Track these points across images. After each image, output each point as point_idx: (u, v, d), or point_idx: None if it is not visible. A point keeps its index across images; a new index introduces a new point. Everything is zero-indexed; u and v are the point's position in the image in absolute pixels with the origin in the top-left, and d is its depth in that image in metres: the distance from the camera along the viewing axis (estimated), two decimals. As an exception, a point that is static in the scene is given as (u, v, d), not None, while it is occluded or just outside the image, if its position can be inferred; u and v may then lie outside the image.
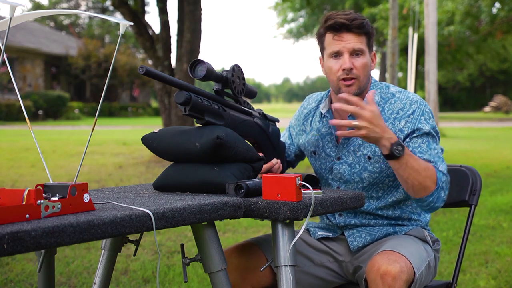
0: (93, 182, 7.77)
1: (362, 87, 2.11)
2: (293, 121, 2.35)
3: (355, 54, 2.07)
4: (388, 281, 1.85)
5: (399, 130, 2.07)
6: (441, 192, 1.99)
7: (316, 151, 2.22)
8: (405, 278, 1.86)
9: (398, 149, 1.90)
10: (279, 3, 32.82)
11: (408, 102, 2.10)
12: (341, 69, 2.08)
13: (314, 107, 2.28)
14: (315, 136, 2.23)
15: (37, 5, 45.37)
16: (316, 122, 2.24)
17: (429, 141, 2.05)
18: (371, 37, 2.12)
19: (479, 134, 18.72)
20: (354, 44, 2.06)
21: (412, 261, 1.93)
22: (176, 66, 9.65)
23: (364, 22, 2.08)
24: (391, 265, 1.86)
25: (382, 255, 1.93)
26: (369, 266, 1.92)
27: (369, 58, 2.11)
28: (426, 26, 17.27)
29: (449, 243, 4.57)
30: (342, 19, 2.06)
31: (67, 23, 48.02)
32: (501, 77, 47.17)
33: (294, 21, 34.80)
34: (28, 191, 1.33)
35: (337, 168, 2.16)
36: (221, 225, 5.17)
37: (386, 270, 1.85)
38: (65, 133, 18.64)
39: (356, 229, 2.18)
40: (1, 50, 1.42)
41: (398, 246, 1.99)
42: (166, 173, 1.90)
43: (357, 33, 2.07)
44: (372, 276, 1.88)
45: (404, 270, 1.87)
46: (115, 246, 1.92)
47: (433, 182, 1.97)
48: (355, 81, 2.08)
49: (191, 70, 1.87)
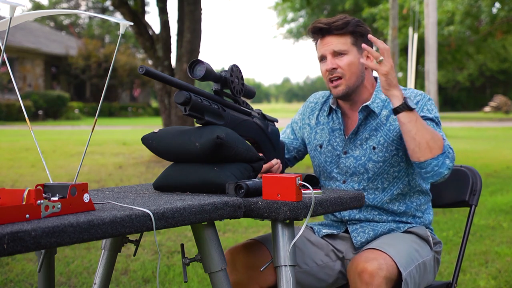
0: (93, 182, 7.77)
1: (352, 86, 2.14)
2: (296, 116, 2.38)
3: (338, 54, 2.12)
4: (365, 278, 1.85)
5: None
6: (446, 159, 1.98)
7: (322, 144, 2.25)
8: (383, 274, 1.85)
9: (411, 101, 1.97)
10: (279, 3, 32.82)
11: (412, 94, 2.15)
12: (326, 70, 2.14)
13: (322, 101, 2.31)
14: (323, 130, 2.26)
15: (37, 5, 45.38)
16: (324, 116, 2.28)
17: (434, 126, 2.08)
18: (360, 35, 2.13)
19: (479, 134, 18.72)
20: (334, 46, 2.12)
21: (396, 259, 1.92)
22: (176, 66, 9.65)
23: (348, 22, 2.11)
24: (368, 262, 1.87)
25: (362, 254, 1.95)
26: (349, 265, 1.94)
27: (357, 56, 2.13)
28: (426, 26, 17.27)
29: (449, 243, 4.57)
30: (321, 24, 2.13)
31: (67, 23, 48.02)
32: (501, 77, 47.16)
33: (294, 21, 34.80)
34: (28, 191, 1.33)
35: (344, 162, 2.19)
36: (221, 225, 5.18)
37: (363, 268, 1.86)
38: (65, 133, 18.64)
39: (360, 225, 2.19)
40: (1, 50, 1.42)
41: (383, 245, 1.99)
42: (166, 173, 1.90)
43: (338, 34, 2.12)
44: (351, 275, 1.90)
45: (383, 267, 1.86)
46: (115, 246, 1.92)
47: (440, 145, 1.98)
48: (341, 81, 2.12)
49: (190, 70, 1.87)
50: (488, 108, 42.61)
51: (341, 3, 31.04)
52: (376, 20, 26.35)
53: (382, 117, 2.16)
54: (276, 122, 2.19)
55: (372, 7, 28.68)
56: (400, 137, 2.12)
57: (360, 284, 1.86)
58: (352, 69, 2.12)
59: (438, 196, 2.38)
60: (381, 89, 2.01)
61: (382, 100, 2.18)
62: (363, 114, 2.17)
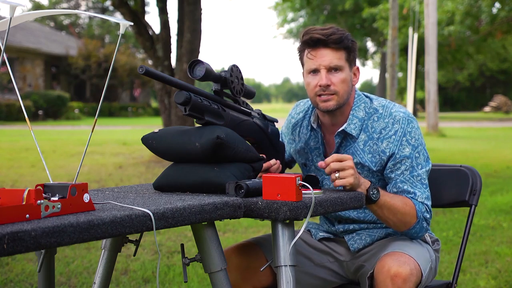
0: (93, 182, 7.77)
1: (342, 102, 2.07)
2: (284, 129, 2.34)
3: (332, 70, 2.04)
4: (398, 283, 1.85)
5: (381, 151, 2.06)
6: (423, 223, 2.04)
7: (306, 163, 2.23)
8: (414, 280, 1.88)
9: (374, 193, 1.92)
10: (279, 3, 32.82)
11: (390, 121, 2.07)
12: (318, 85, 2.04)
13: (301, 117, 2.25)
14: (303, 149, 2.22)
15: (37, 5, 45.36)
16: (304, 133, 2.22)
17: (413, 166, 2.04)
18: (352, 51, 2.07)
19: (479, 134, 18.71)
20: (330, 61, 2.02)
21: (419, 262, 1.95)
22: (176, 66, 9.65)
23: (343, 36, 2.02)
24: (402, 267, 1.87)
25: (392, 256, 1.93)
26: (378, 266, 1.92)
27: (349, 73, 2.07)
28: (426, 26, 17.27)
29: (449, 243, 4.57)
30: (318, 35, 2.02)
31: (67, 23, 48.01)
32: (501, 77, 47.13)
33: (294, 21, 34.81)
34: (28, 191, 1.33)
35: (328, 183, 2.17)
36: (221, 225, 5.17)
37: (397, 272, 1.86)
38: (65, 133, 18.64)
39: (356, 233, 2.19)
40: (1, 50, 1.42)
41: (405, 247, 2.00)
42: (166, 173, 1.90)
43: (334, 48, 2.02)
44: (381, 277, 1.88)
45: (413, 273, 1.88)
46: (115, 246, 1.92)
47: (413, 217, 2.01)
48: (333, 97, 2.05)
49: (189, 70, 1.87)
50: (488, 108, 42.61)
51: (341, 3, 31.03)
52: (376, 20, 26.36)
53: (359, 141, 2.10)
54: (276, 122, 2.19)
55: (372, 7, 28.70)
56: (382, 169, 2.09)
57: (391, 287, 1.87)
58: (344, 86, 2.05)
59: (438, 196, 2.38)
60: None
61: (359, 119, 2.10)
62: (340, 138, 2.12)
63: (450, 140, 15.61)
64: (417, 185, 2.04)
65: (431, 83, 17.26)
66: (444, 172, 2.39)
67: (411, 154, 2.04)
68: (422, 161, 2.06)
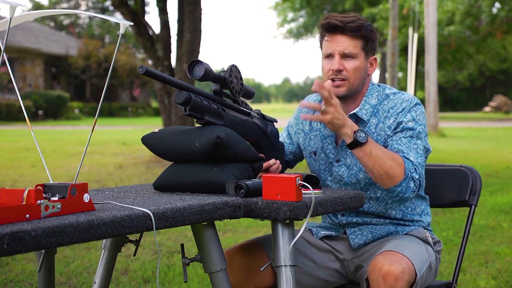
0: (93, 182, 7.77)
1: (353, 90, 2.11)
2: (291, 120, 2.36)
3: (347, 56, 2.08)
4: (390, 281, 1.85)
5: (387, 127, 2.09)
6: (410, 183, 1.99)
7: (316, 151, 2.22)
8: (406, 279, 1.87)
9: (361, 135, 1.93)
10: (279, 3, 32.82)
11: (399, 101, 2.12)
12: (330, 69, 2.09)
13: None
14: (316, 137, 2.23)
15: (37, 5, 45.37)
16: (317, 122, 2.24)
17: (412, 137, 2.06)
18: (370, 41, 2.11)
19: (479, 134, 18.71)
20: (345, 48, 2.07)
21: (414, 262, 1.93)
22: (176, 66, 9.65)
23: (362, 25, 2.07)
24: (393, 265, 1.86)
25: (384, 255, 1.93)
26: (371, 266, 1.92)
27: (364, 62, 2.10)
28: (426, 26, 17.28)
29: (449, 243, 4.57)
30: (336, 21, 2.07)
31: (67, 23, 48.02)
32: (501, 77, 47.15)
33: (294, 21, 34.80)
34: (28, 191, 1.33)
35: (336, 170, 2.17)
36: (221, 225, 5.18)
37: (388, 271, 1.85)
38: (65, 133, 18.64)
39: (358, 227, 2.19)
40: (1, 50, 1.42)
41: (400, 247, 1.99)
42: (166, 173, 1.90)
43: (351, 36, 2.07)
44: (374, 276, 1.89)
45: (406, 271, 1.87)
46: (115, 246, 1.92)
47: (400, 173, 1.96)
48: (344, 83, 2.09)
49: (189, 70, 1.87)
50: (488, 108, 42.60)
51: (341, 3, 31.02)
52: (376, 20, 26.33)
53: (371, 125, 2.12)
54: (275, 122, 2.19)
55: (372, 7, 28.68)
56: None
57: (383, 286, 1.86)
58: (357, 74, 2.09)
59: (438, 196, 2.38)
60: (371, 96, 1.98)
61: (372, 105, 2.14)
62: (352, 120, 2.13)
63: (450, 140, 15.61)
64: (412, 150, 2.03)
65: (431, 83, 17.26)
66: (444, 172, 2.39)
67: (414, 127, 2.07)
68: (422, 137, 2.08)
